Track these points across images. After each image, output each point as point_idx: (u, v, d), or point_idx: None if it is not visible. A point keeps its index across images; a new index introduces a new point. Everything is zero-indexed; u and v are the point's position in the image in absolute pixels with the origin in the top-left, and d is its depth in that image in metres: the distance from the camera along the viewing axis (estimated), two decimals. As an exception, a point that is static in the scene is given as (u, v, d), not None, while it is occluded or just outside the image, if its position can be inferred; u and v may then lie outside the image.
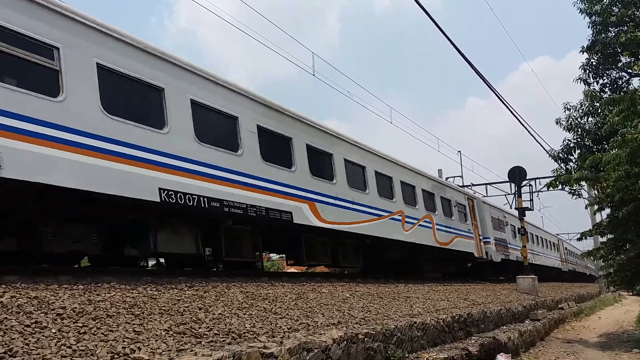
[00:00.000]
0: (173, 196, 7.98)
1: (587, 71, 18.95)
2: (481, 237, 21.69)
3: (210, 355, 4.37)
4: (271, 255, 56.98)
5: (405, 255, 16.76)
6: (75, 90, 6.90)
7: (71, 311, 4.90)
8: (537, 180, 28.08)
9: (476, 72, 12.07)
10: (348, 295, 9.55)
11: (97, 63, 7.29)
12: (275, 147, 10.69)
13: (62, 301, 5.14)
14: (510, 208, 27.51)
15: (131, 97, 7.98)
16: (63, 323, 4.58)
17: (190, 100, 8.73)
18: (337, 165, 12.43)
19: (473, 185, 31.89)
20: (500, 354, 9.45)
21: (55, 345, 4.09)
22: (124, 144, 7.45)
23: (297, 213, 10.60)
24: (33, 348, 3.94)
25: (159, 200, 7.75)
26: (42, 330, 4.31)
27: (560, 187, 17.83)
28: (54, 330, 4.36)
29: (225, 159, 9.24)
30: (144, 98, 8.16)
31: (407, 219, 15.15)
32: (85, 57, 7.15)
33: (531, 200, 25.85)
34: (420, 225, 16.00)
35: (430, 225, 16.84)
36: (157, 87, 8.21)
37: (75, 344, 4.19)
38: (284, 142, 10.93)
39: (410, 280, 14.54)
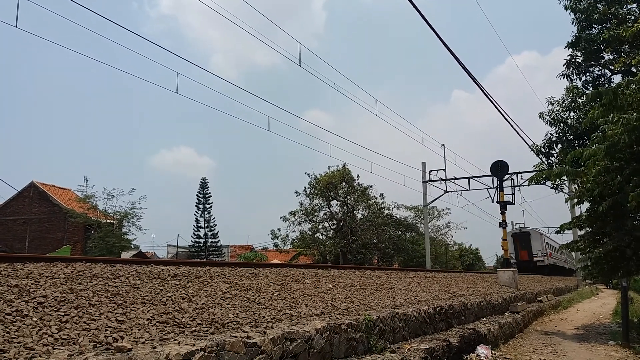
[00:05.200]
0: None
1: (571, 68, 19.18)
2: None
3: (194, 345, 4.36)
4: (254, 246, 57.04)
5: None
6: None
7: (53, 300, 4.85)
8: (519, 175, 28.41)
9: (462, 67, 12.13)
10: (331, 287, 9.59)
11: None
12: None
13: (44, 290, 5.09)
14: (492, 202, 27.74)
15: None
16: (44, 312, 4.54)
17: None
18: None
19: (456, 178, 32.20)
20: (480, 345, 9.58)
21: (37, 333, 4.05)
22: None
23: None
24: (14, 336, 3.90)
25: None
26: (23, 319, 4.26)
27: (541, 182, 18.06)
28: (35, 319, 4.31)
29: None
30: None
31: None
32: None
33: (513, 194, 26.15)
34: None
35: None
36: None
37: (57, 333, 4.15)
38: None
39: (393, 272, 14.63)
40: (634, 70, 16.86)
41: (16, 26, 10.93)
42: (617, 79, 18.83)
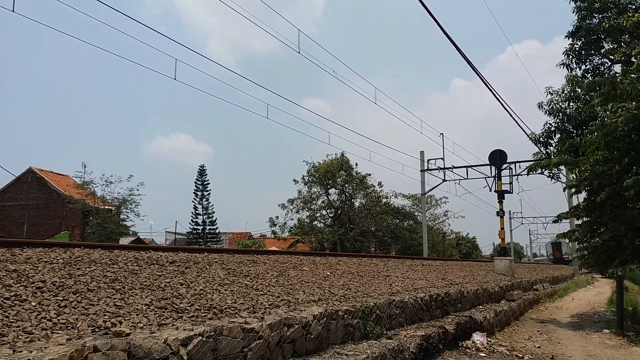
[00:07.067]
0: None
1: (570, 56, 19.12)
2: None
3: (192, 330, 4.40)
4: (252, 233, 57.15)
5: None
6: None
7: (51, 285, 4.87)
8: (517, 164, 28.39)
9: (462, 56, 12.06)
10: (329, 274, 9.63)
11: None
12: None
13: (42, 275, 5.11)
14: (490, 191, 27.78)
15: None
16: (43, 296, 4.56)
17: None
18: None
19: (454, 167, 32.17)
20: (476, 332, 9.66)
21: (36, 318, 4.08)
22: None
23: None
24: (13, 320, 3.92)
25: None
26: (21, 303, 4.28)
27: (539, 171, 18.06)
28: (34, 304, 4.34)
29: None
30: None
31: None
32: None
33: (511, 183, 26.14)
34: None
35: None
36: None
37: (56, 317, 4.18)
38: None
39: (390, 260, 14.69)
40: (634, 60, 16.80)
41: (13, 11, 10.84)
42: (617, 68, 18.79)
